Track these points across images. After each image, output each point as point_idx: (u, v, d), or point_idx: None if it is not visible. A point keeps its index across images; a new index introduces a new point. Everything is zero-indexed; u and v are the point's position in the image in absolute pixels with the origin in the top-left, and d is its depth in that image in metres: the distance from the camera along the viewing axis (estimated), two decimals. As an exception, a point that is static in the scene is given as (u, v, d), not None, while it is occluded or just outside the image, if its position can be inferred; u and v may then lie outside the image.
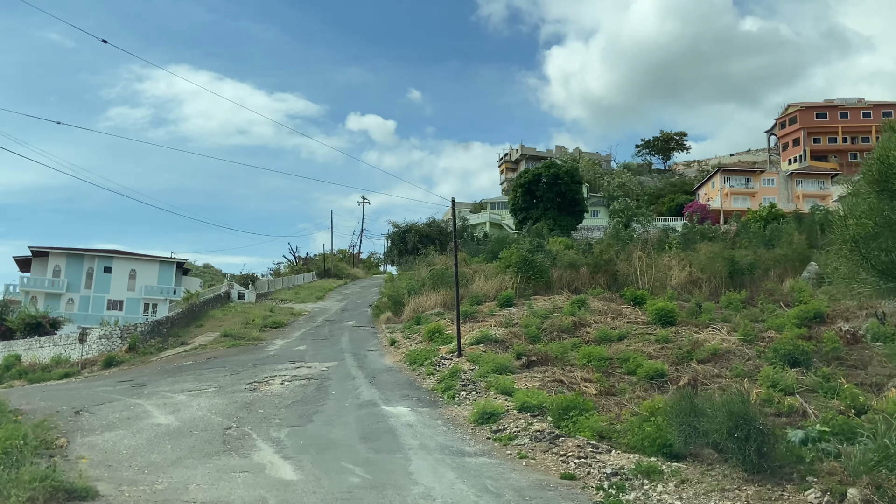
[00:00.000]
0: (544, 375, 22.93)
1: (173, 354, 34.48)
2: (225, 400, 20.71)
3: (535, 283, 40.29)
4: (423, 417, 18.15)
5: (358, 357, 29.64)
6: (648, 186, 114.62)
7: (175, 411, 18.87)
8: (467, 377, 22.97)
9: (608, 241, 44.86)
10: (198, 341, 37.02)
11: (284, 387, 23.22)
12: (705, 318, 31.51)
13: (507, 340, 28.26)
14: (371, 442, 15.15)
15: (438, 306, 39.64)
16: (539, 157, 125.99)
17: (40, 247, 66.51)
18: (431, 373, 24.80)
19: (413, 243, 71.48)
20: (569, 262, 41.26)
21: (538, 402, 17.97)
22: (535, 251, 41.84)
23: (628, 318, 33.19)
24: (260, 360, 29.92)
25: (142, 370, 30.88)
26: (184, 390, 23.03)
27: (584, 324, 31.78)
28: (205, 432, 15.94)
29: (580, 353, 26.08)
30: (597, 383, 22.58)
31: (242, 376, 25.60)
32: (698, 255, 42.79)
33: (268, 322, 41.48)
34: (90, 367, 34.50)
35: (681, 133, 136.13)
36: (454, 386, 21.70)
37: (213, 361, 30.67)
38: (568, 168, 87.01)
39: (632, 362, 24.85)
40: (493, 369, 22.96)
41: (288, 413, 18.84)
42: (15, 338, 43.22)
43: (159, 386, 24.46)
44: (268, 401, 20.65)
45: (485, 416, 17.16)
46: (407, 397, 21.19)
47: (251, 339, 36.62)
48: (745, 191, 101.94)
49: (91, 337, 37.84)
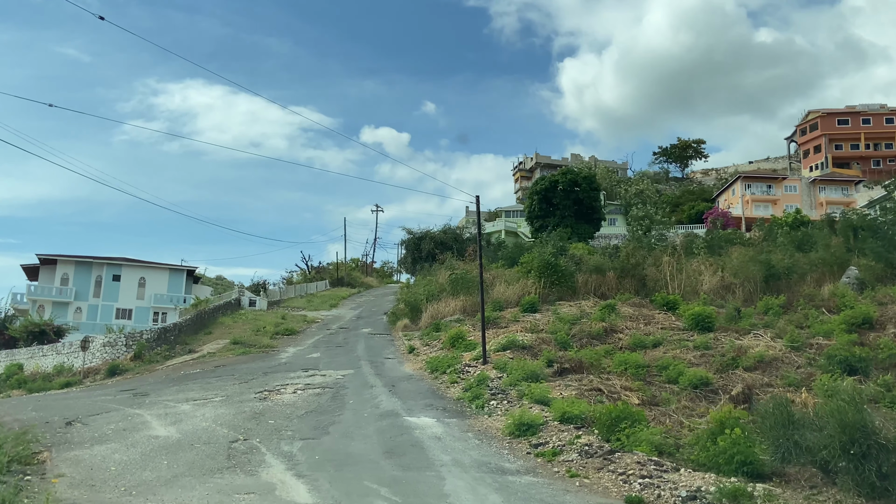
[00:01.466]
0: (580, 384, 21.01)
1: (180, 362, 32.72)
2: (232, 410, 18.89)
3: (560, 289, 38.32)
4: (451, 429, 16.25)
5: (375, 365, 27.79)
6: (667, 194, 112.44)
7: (176, 422, 17.05)
8: (496, 385, 21.10)
9: (635, 245, 42.79)
10: (206, 349, 35.26)
11: (297, 396, 21.38)
12: (745, 324, 29.45)
13: (535, 347, 26.34)
14: (396, 457, 13.27)
15: (458, 312, 37.76)
16: (554, 166, 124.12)
17: (48, 254, 65.01)
18: (455, 381, 22.92)
19: (428, 250, 69.61)
20: (595, 266, 39.25)
21: (580, 412, 16.07)
22: (559, 255, 39.85)
23: (662, 324, 31.17)
24: (271, 368, 28.12)
25: (146, 379, 29.13)
26: (188, 399, 21.23)
27: (615, 330, 29.84)
28: (207, 446, 14.10)
29: (615, 360, 24.22)
30: (638, 392, 20.65)
31: (252, 385, 23.79)
32: (730, 259, 40.71)
33: (279, 329, 39.69)
34: (93, 375, 32.79)
35: (698, 140, 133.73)
36: (482, 395, 19.81)
37: (221, 370, 28.89)
38: (586, 174, 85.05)
39: (672, 370, 22.94)
40: (522, 377, 21.12)
41: (301, 424, 17.00)
42: (17, 346, 41.61)
43: (162, 395, 22.68)
44: (279, 411, 18.82)
45: (522, 428, 15.26)
46: (431, 407, 19.30)
47: (262, 347, 34.83)
48: (767, 198, 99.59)
49: (95, 345, 36.14)
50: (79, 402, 21.83)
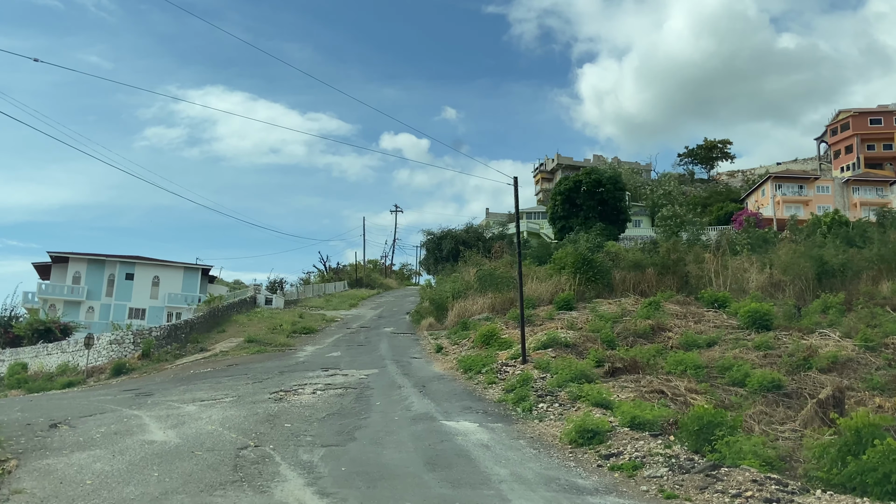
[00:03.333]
0: (638, 385, 18.48)
1: (191, 361, 30.46)
2: (243, 412, 16.51)
3: (596, 286, 35.79)
4: (498, 435, 13.77)
5: (401, 364, 25.37)
6: (693, 196, 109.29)
7: (178, 425, 14.69)
8: (541, 386, 18.62)
9: (675, 240, 40.17)
10: (219, 347, 32.99)
11: (317, 397, 18.98)
12: (807, 323, 26.79)
13: (579, 345, 23.83)
14: (441, 469, 10.82)
15: (486, 310, 35.33)
16: (575, 167, 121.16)
17: (60, 252, 63.06)
18: (493, 381, 20.45)
19: (450, 249, 67.16)
20: (633, 262, 36.67)
21: (653, 416, 13.55)
22: (595, 250, 37.29)
23: (713, 323, 28.59)
24: (288, 367, 25.77)
25: (153, 378, 26.87)
26: (195, 400, 18.89)
27: (663, 328, 27.33)
28: (211, 453, 11.71)
29: (669, 359, 21.73)
30: (705, 395, 18.10)
31: (267, 385, 21.43)
32: (777, 256, 38.03)
33: (297, 328, 37.35)
34: (97, 375, 30.61)
35: (724, 141, 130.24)
36: (528, 397, 17.31)
37: (234, 369, 26.57)
38: (610, 174, 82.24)
39: (736, 371, 20.40)
40: (570, 377, 18.68)
41: (322, 428, 14.59)
42: (22, 345, 39.56)
43: (167, 395, 20.35)
44: (296, 413, 16.42)
45: (585, 435, 12.75)
46: (470, 410, 16.84)
47: (278, 346, 32.51)
48: (799, 199, 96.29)
49: (101, 343, 33.98)
50: (73, 403, 19.55)
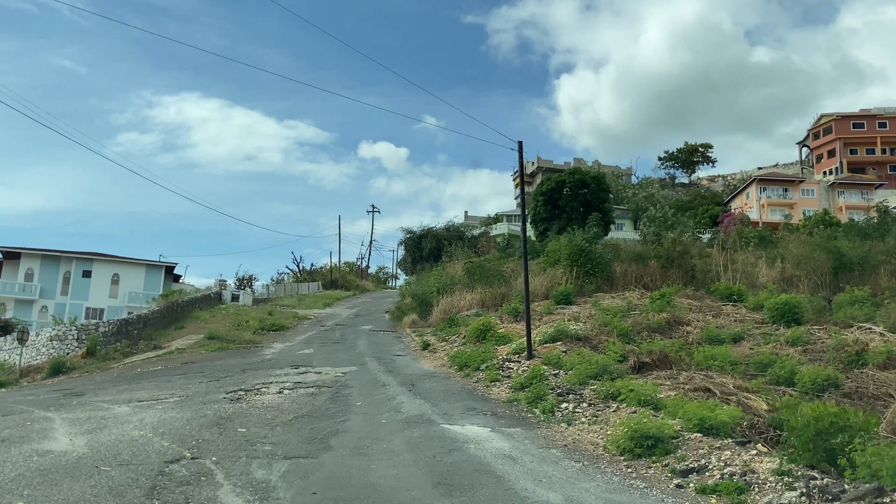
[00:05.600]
0: (676, 382, 15.19)
1: (141, 360, 26.72)
2: (188, 413, 12.97)
3: (595, 279, 32.61)
4: (521, 443, 10.40)
5: (384, 362, 21.92)
6: (676, 199, 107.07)
7: (94, 430, 11.14)
8: (558, 384, 15.30)
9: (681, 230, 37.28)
10: (175, 345, 29.24)
11: (283, 396, 15.48)
12: (842, 316, 23.79)
13: (592, 338, 20.55)
14: (462, 493, 7.41)
15: (476, 306, 32.02)
16: (556, 170, 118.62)
17: (11, 247, 58.63)
18: (497, 378, 17.09)
19: (430, 248, 63.76)
20: (636, 254, 33.56)
21: (729, 418, 10.28)
22: (593, 241, 34.13)
23: (733, 317, 25.50)
24: (252, 364, 22.20)
25: (93, 378, 23.13)
26: (132, 401, 15.29)
27: (679, 322, 24.17)
28: (124, 468, 8.20)
29: (699, 354, 18.48)
30: (758, 394, 14.87)
31: (224, 383, 17.87)
32: (787, 249, 35.25)
33: (265, 324, 33.65)
34: (34, 374, 26.75)
35: (706, 145, 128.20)
36: (545, 396, 13.95)
37: (188, 367, 22.92)
38: (594, 175, 79.59)
39: (778, 367, 17.14)
40: (591, 374, 15.45)
41: (287, 434, 11.13)
42: (-45, 343, 35.47)
43: (100, 395, 16.74)
44: (256, 415, 12.92)
45: (643, 443, 9.43)
46: (475, 411, 13.45)
47: (243, 343, 28.85)
48: (784, 202, 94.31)
49: (40, 339, 30.13)
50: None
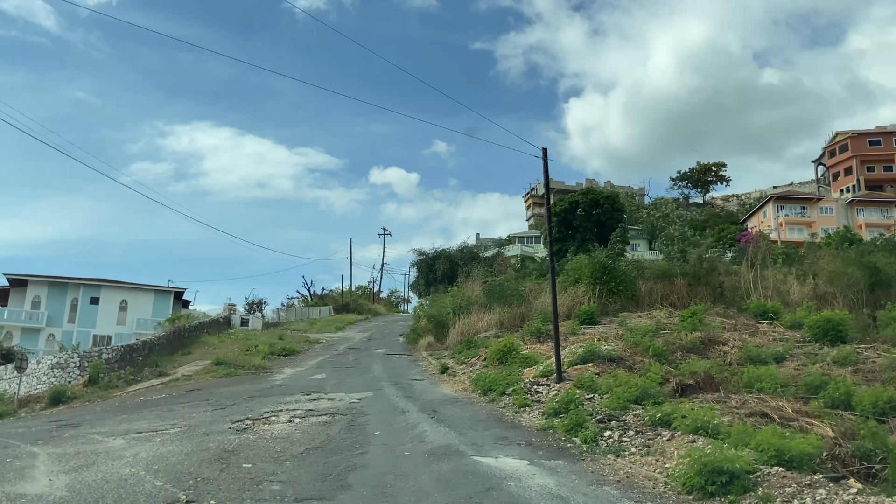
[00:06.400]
0: (727, 406, 13.76)
1: (145, 387, 25.41)
2: (188, 446, 11.64)
3: (618, 298, 31.21)
4: (568, 479, 9.03)
5: (401, 386, 20.54)
6: (691, 219, 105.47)
7: (81, 467, 9.83)
8: (596, 409, 13.88)
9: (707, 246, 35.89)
10: (181, 371, 27.93)
11: (294, 426, 14.13)
12: (891, 334, 22.28)
13: (626, 359, 19.13)
14: (513, 549, 6.03)
15: (494, 327, 30.67)
16: (567, 191, 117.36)
17: (18, 274, 57.66)
18: (526, 404, 15.69)
19: (444, 270, 62.45)
20: (661, 271, 32.14)
21: (812, 448, 8.89)
22: (616, 258, 32.78)
23: (771, 336, 24.03)
24: (260, 391, 20.85)
25: (93, 408, 21.83)
26: (130, 432, 13.97)
27: (714, 341, 22.71)
28: (104, 517, 6.86)
29: (744, 376, 17.06)
30: (820, 419, 13.42)
31: (230, 412, 16.54)
32: (818, 266, 33.83)
33: (275, 349, 32.31)
34: (32, 405, 25.49)
35: (719, 164, 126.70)
36: (585, 423, 12.55)
37: (194, 394, 21.60)
38: (608, 194, 78.36)
39: (833, 389, 15.68)
40: (630, 397, 14.15)
41: (299, 469, 9.80)
42: (-45, 372, 34.24)
43: (97, 426, 15.43)
44: (263, 447, 11.58)
45: (715, 479, 8.05)
46: (507, 441, 12.06)
47: (252, 368, 27.51)
48: (802, 220, 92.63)
49: (41, 367, 28.90)
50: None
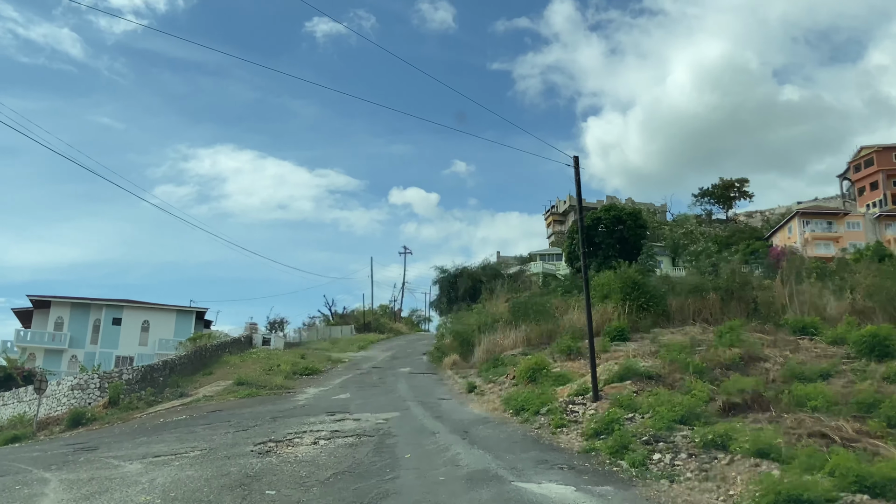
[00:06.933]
0: (781, 425, 12.85)
1: (166, 409, 24.82)
2: (208, 471, 10.96)
3: (649, 314, 30.27)
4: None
5: (428, 406, 19.77)
6: (715, 235, 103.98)
7: (93, 495, 9.19)
8: (639, 430, 13.04)
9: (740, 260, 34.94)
10: (203, 392, 27.32)
11: (319, 448, 13.42)
12: (941, 348, 21.21)
13: (665, 376, 18.26)
14: None
15: (521, 344, 29.87)
16: (588, 208, 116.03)
17: (41, 296, 57.64)
18: (563, 424, 14.88)
19: (466, 288, 61.63)
20: (693, 286, 31.17)
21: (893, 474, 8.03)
22: (646, 273, 31.89)
23: (814, 352, 23.00)
24: (283, 411, 20.17)
25: (112, 430, 21.27)
26: (147, 456, 13.33)
27: (754, 358, 21.70)
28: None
29: (793, 394, 16.12)
30: (884, 440, 12.50)
31: (252, 433, 15.86)
32: (855, 279, 32.73)
33: (298, 368, 31.64)
34: (52, 426, 24.99)
35: (742, 180, 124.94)
36: (631, 445, 11.74)
37: (215, 415, 20.96)
38: (630, 210, 77.29)
39: (889, 407, 14.75)
40: (675, 417, 13.23)
41: (326, 497, 9.09)
42: (-24, 394, 33.91)
43: (114, 450, 14.81)
44: (288, 472, 10.87)
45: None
46: (547, 464, 11.27)
47: (274, 388, 26.86)
48: (829, 235, 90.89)
49: (61, 389, 28.42)
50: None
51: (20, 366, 37.11)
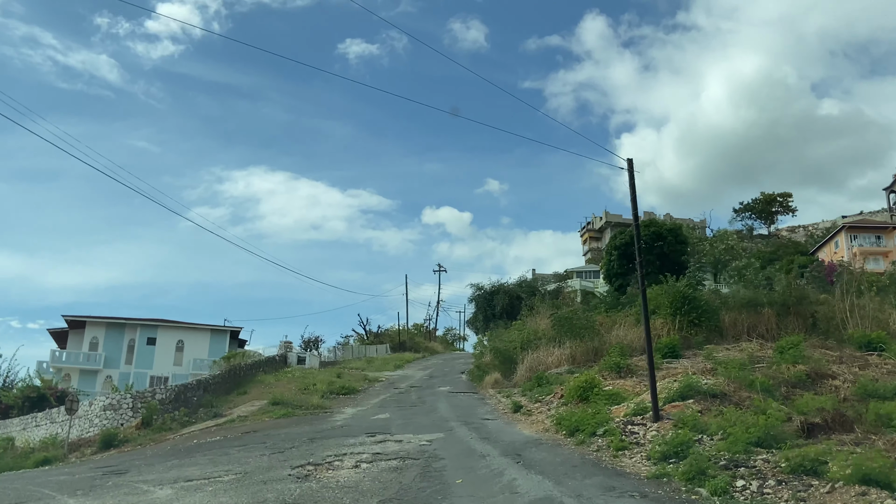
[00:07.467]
0: (873, 447, 11.54)
1: (199, 429, 24.02)
2: (243, 497, 10.01)
3: (701, 330, 28.86)
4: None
5: (473, 427, 18.64)
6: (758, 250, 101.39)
7: (115, 526, 8.20)
8: (712, 453, 11.82)
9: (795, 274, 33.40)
10: (237, 412, 26.49)
11: (362, 471, 12.40)
12: None
13: (730, 394, 16.96)
14: None
15: (566, 362, 28.58)
16: (625, 224, 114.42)
17: (76, 316, 57.71)
18: (623, 447, 13.66)
19: (503, 305, 60.39)
20: (747, 300, 29.70)
21: None
22: (696, 287, 30.51)
23: (884, 368, 21.50)
24: (321, 432, 19.20)
25: (144, 452, 20.48)
26: (179, 480, 12.43)
27: (822, 375, 20.28)
28: None
29: (871, 413, 14.78)
30: None
31: (289, 456, 14.90)
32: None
33: (334, 388, 30.70)
34: (84, 448, 24.32)
35: (785, 194, 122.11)
36: (708, 470, 10.53)
37: (249, 436, 20.07)
38: (670, 226, 75.47)
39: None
40: (752, 440, 11.96)
41: (375, 530, 8.01)
42: (10, 416, 33.52)
43: (145, 473, 13.94)
44: (329, 498, 9.87)
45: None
46: (616, 491, 10.12)
47: (310, 408, 25.92)
48: (877, 250, 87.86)
49: (94, 409, 27.80)
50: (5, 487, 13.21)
51: (54, 386, 36.64)
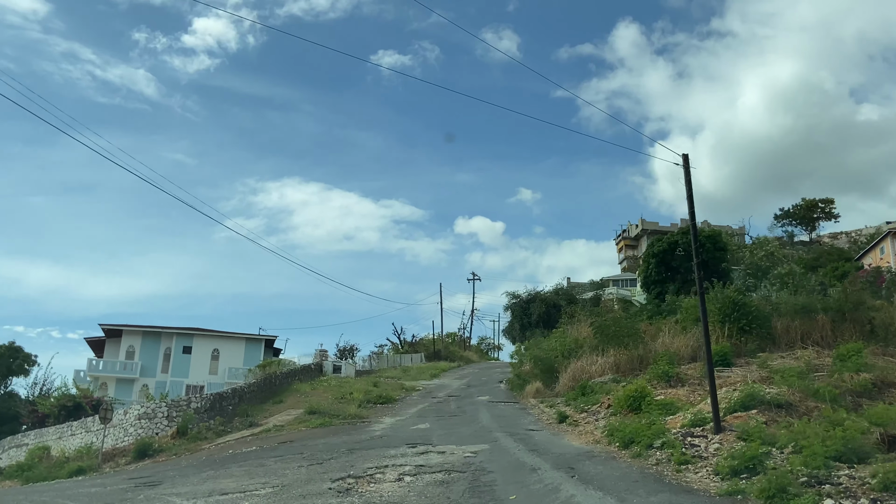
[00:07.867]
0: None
1: (235, 439, 23.44)
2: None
3: (752, 337, 27.67)
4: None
5: (519, 438, 17.77)
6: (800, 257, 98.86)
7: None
8: (788, 468, 10.84)
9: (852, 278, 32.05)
10: (273, 421, 25.90)
11: (406, 485, 11.63)
12: None
13: (795, 405, 15.90)
14: None
15: (609, 371, 27.59)
16: (661, 232, 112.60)
17: (113, 325, 57.88)
18: (685, 460, 12.71)
19: (539, 314, 59.36)
20: (800, 306, 28.41)
21: None
22: (748, 292, 29.31)
23: (956, 376, 20.20)
24: (360, 442, 18.48)
25: (179, 462, 19.93)
26: (213, 493, 11.77)
27: (888, 383, 19.14)
28: None
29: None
30: None
31: (328, 468, 14.18)
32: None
33: (371, 397, 30.01)
34: (118, 458, 23.88)
35: (827, 200, 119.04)
36: (790, 487, 9.56)
37: (286, 447, 19.41)
38: (709, 233, 73.74)
39: None
40: (831, 454, 10.95)
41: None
42: (47, 424, 33.37)
43: (178, 486, 13.32)
44: (375, 517, 9.08)
45: None
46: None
47: (348, 417, 25.23)
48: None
49: (128, 418, 27.42)
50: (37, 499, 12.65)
51: (90, 395, 36.45)
